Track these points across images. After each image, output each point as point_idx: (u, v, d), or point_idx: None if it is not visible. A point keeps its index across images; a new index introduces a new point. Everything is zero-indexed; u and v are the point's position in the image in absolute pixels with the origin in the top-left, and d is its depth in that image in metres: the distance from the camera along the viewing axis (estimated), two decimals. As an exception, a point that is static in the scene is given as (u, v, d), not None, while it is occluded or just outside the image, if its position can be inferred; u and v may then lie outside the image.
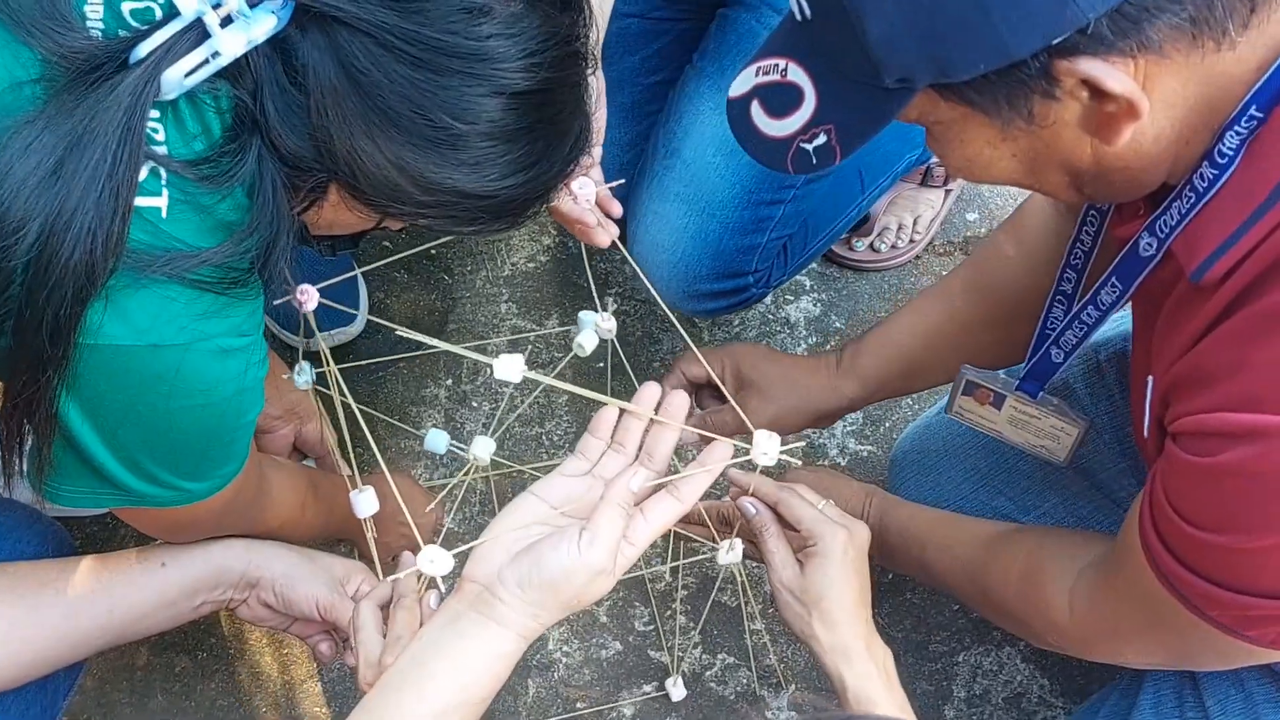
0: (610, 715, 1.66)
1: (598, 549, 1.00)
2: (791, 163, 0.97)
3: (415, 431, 1.82)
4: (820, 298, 1.96)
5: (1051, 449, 1.34)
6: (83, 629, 1.22)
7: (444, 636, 1.01)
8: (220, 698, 1.67)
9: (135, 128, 0.91)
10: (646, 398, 1.11)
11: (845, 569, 1.19)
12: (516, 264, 1.98)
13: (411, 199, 0.99)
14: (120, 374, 0.97)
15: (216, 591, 1.27)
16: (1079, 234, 1.16)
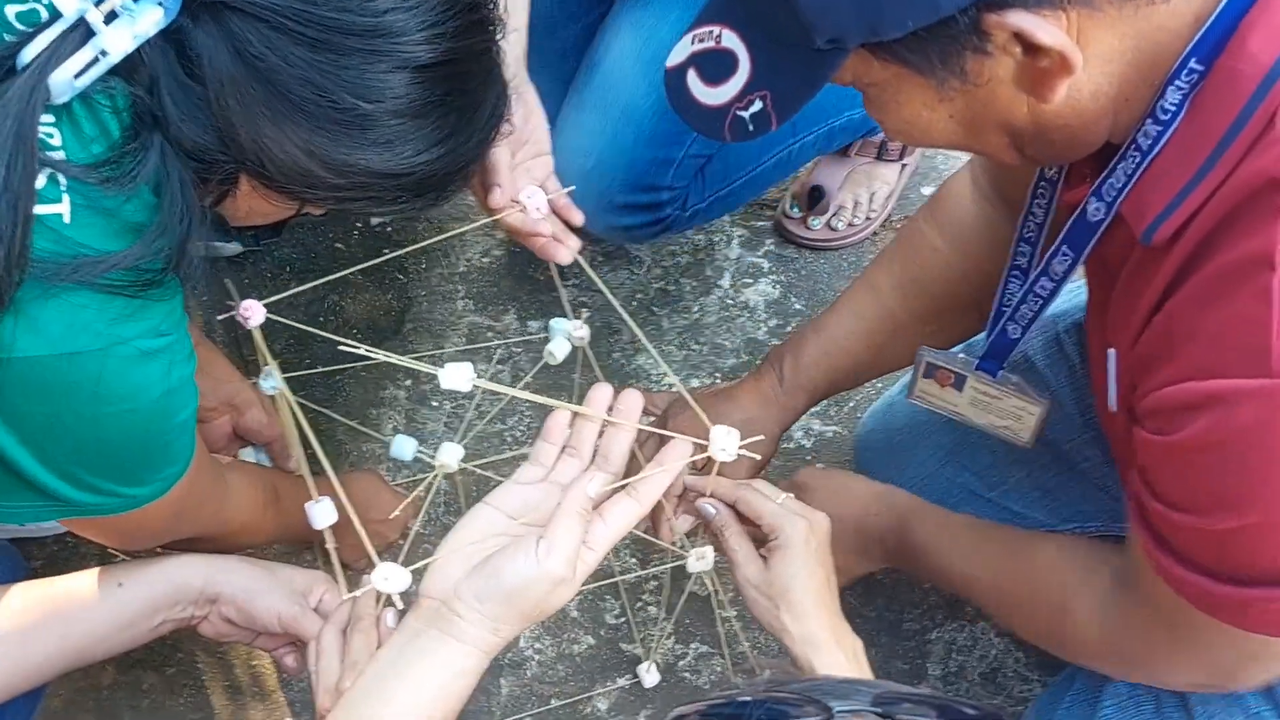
0: (585, 709, 1.64)
1: (556, 558, 0.98)
2: (729, 130, 0.96)
3: (376, 435, 1.80)
4: (779, 280, 1.94)
5: (1015, 429, 1.32)
6: (39, 655, 1.19)
7: (403, 656, 0.99)
8: (190, 713, 1.65)
9: (27, 135, 0.88)
10: (598, 399, 1.09)
11: (809, 559, 1.17)
12: (471, 260, 1.96)
13: (325, 183, 0.97)
14: (39, 386, 0.94)
15: (176, 609, 1.25)
16: (1030, 206, 1.15)
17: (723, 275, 1.95)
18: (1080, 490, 1.46)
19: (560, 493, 1.05)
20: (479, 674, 1.00)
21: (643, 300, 1.92)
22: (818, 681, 0.74)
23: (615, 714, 1.64)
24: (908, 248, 1.41)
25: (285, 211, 1.06)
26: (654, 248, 1.96)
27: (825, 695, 0.68)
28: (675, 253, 1.96)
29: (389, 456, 1.77)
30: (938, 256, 1.37)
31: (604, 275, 1.93)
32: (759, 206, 2.00)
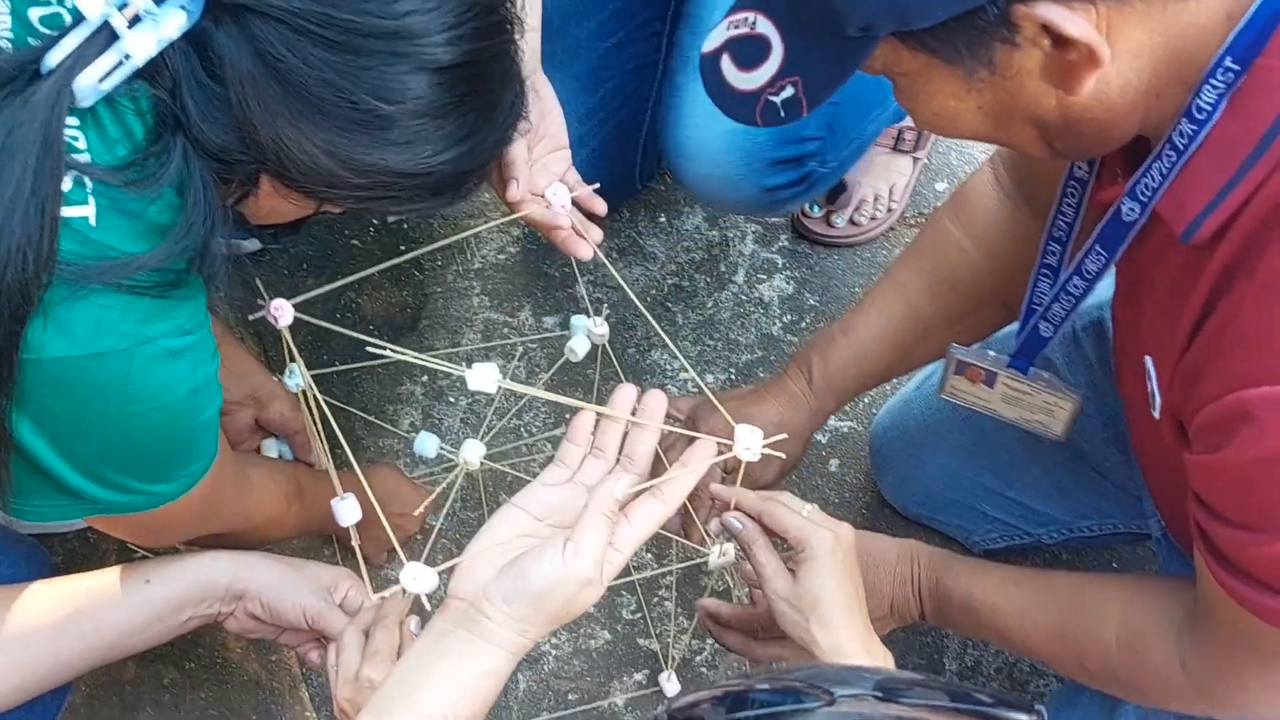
0: (602, 705, 1.66)
1: (583, 559, 0.98)
2: (760, 115, 0.97)
3: (395, 430, 1.80)
4: (794, 275, 1.95)
5: (1047, 424, 1.33)
6: (68, 652, 1.20)
7: (430, 657, 1.00)
8: (210, 707, 1.66)
9: (54, 139, 0.89)
10: (622, 400, 1.10)
11: (837, 571, 1.18)
12: (487, 256, 1.96)
13: (345, 183, 0.98)
14: (67, 387, 0.95)
15: (203, 605, 1.26)
16: (1060, 205, 1.15)
17: (737, 271, 1.95)
18: (1099, 488, 1.46)
19: (586, 494, 1.06)
20: (506, 675, 1.01)
21: (657, 296, 1.92)
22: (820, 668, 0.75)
23: (632, 709, 1.65)
24: (933, 247, 1.41)
25: (305, 210, 1.07)
26: (668, 243, 1.97)
27: (827, 680, 0.68)
28: (689, 248, 1.97)
29: (410, 452, 1.80)
30: (964, 256, 1.37)
31: (619, 271, 1.94)
32: (773, 202, 2.00)
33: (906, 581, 1.34)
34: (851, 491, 1.79)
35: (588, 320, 1.42)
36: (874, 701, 0.67)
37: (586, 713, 1.65)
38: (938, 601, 1.33)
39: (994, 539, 1.60)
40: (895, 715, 0.66)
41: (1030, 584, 1.29)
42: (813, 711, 0.66)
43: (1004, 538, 1.59)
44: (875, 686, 0.68)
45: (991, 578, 1.31)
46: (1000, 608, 1.28)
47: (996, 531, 1.59)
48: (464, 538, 1.75)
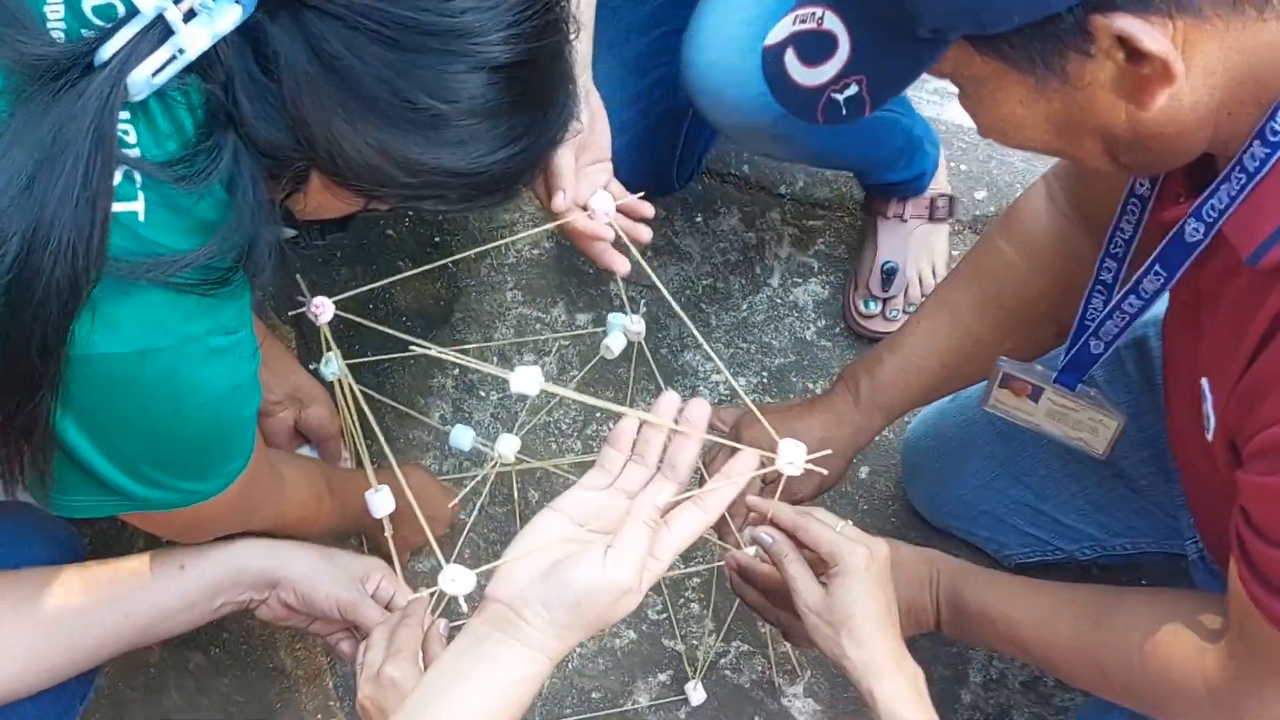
0: (625, 704, 1.66)
1: (624, 568, 0.97)
2: (822, 113, 0.96)
3: (425, 419, 1.80)
4: (829, 280, 1.94)
5: (1090, 441, 1.31)
6: (101, 635, 1.21)
7: (467, 659, 0.99)
8: (235, 693, 1.67)
9: (106, 133, 0.89)
10: (665, 407, 1.08)
11: (869, 586, 1.17)
12: (521, 251, 1.96)
13: (396, 181, 0.97)
14: (111, 383, 0.95)
15: (236, 592, 1.27)
16: (1119, 222, 1.14)
17: (772, 274, 1.95)
18: (1134, 506, 1.46)
19: (626, 500, 1.06)
20: (543, 680, 1.00)
21: (691, 297, 1.92)
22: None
23: (655, 709, 1.65)
24: (983, 265, 1.39)
25: (353, 207, 1.06)
26: (704, 244, 1.96)
27: None
28: (725, 249, 1.96)
29: (440, 445, 1.80)
30: (1014, 273, 1.36)
31: (654, 270, 1.93)
32: (811, 206, 2.00)
33: (925, 585, 1.33)
34: (881, 499, 1.78)
35: (624, 318, 1.42)
36: None
37: (609, 713, 1.65)
38: (955, 609, 1.32)
39: (1025, 553, 1.60)
40: None
41: (1051, 595, 1.28)
42: None
43: (1035, 552, 1.59)
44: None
45: (1011, 588, 1.30)
46: (1019, 618, 1.27)
47: (1028, 546, 1.58)
48: (492, 533, 1.75)
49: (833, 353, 1.89)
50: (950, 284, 1.43)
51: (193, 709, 1.66)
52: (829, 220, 1.99)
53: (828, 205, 2.00)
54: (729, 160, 2.02)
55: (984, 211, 2.01)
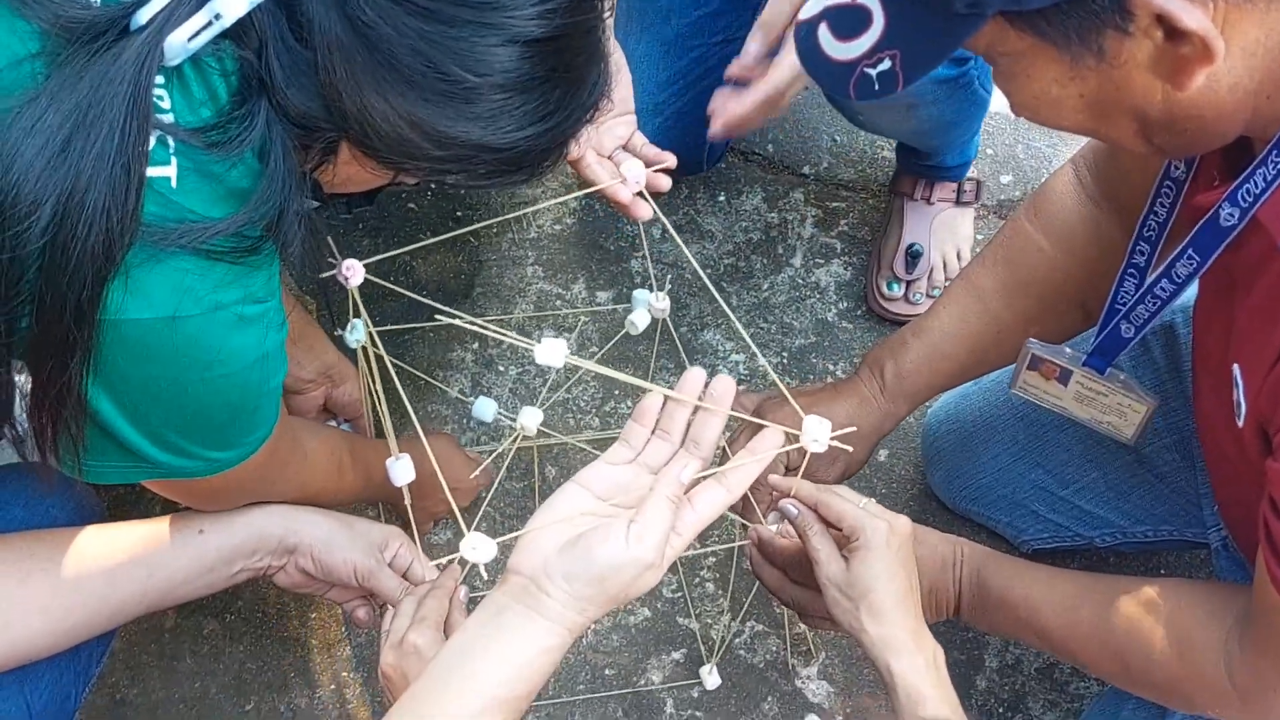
0: (639, 680, 1.65)
1: (647, 543, 0.98)
2: (854, 88, 0.96)
3: (445, 389, 1.80)
4: (851, 261, 1.93)
5: (1118, 426, 1.31)
6: (120, 597, 1.21)
7: (488, 629, 0.99)
8: (249, 660, 1.67)
9: (142, 98, 0.88)
10: (691, 384, 1.08)
11: (890, 561, 1.17)
12: (543, 226, 1.95)
13: (425, 154, 0.97)
14: (140, 349, 0.95)
15: (254, 558, 1.27)
16: (1153, 205, 1.13)
17: (795, 254, 1.94)
18: (1156, 493, 1.45)
19: (649, 475, 1.06)
20: (562, 653, 1.00)
21: (712, 276, 1.91)
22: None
23: (668, 686, 1.65)
24: (1011, 249, 1.38)
25: (381, 180, 1.06)
26: (726, 223, 1.95)
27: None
28: (748, 229, 1.95)
29: (459, 418, 1.80)
30: (1043, 257, 1.35)
31: (675, 249, 1.93)
32: (834, 187, 1.99)
33: (948, 566, 1.33)
34: (900, 483, 1.78)
35: (649, 294, 1.41)
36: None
37: (624, 692, 1.65)
38: (976, 594, 1.31)
39: (1044, 539, 1.59)
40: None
41: (1074, 582, 1.27)
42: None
43: (1054, 538, 1.58)
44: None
45: (1034, 573, 1.29)
46: (1041, 604, 1.26)
47: (1047, 532, 1.57)
48: (509, 509, 1.75)
49: (854, 335, 1.88)
50: (977, 268, 1.42)
51: (207, 675, 1.66)
52: (852, 201, 1.98)
53: (851, 186, 1.99)
54: (753, 139, 2.01)
55: (1009, 196, 2.00)
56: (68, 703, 1.27)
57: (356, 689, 1.65)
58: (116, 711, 1.64)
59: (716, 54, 1.72)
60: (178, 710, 1.64)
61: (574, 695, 1.64)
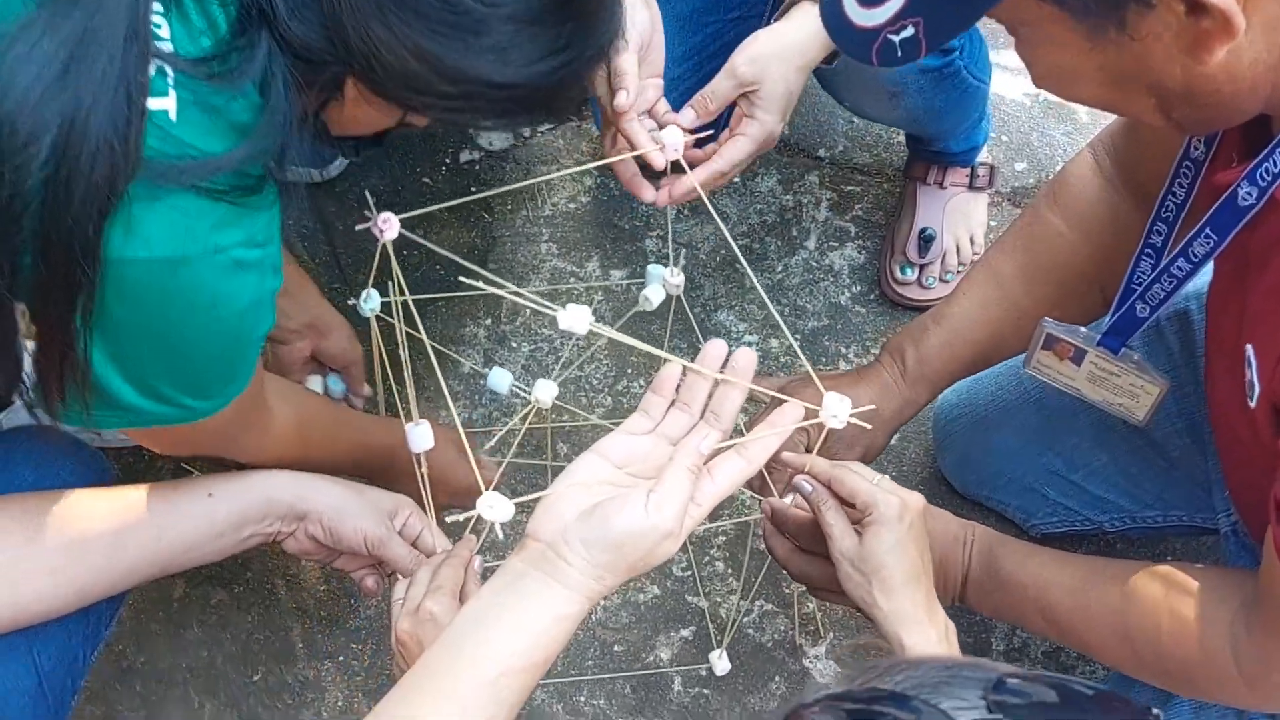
0: (647, 657, 1.66)
1: (666, 512, 0.97)
2: (877, 54, 0.96)
3: (460, 361, 1.80)
4: (865, 245, 1.93)
5: (1130, 407, 1.31)
6: (130, 559, 1.21)
7: (505, 596, 0.99)
8: (256, 631, 1.67)
9: (140, 25, 0.86)
10: (712, 355, 1.07)
11: (902, 536, 1.17)
12: (557, 204, 1.95)
13: (433, 89, 0.95)
14: (133, 289, 0.93)
15: (264, 524, 1.26)
16: (1171, 185, 1.13)
17: (809, 237, 1.94)
18: (1167, 478, 1.45)
19: (668, 446, 1.05)
20: (578, 621, 1.00)
21: (726, 256, 1.91)
22: (921, 670, 0.72)
23: (676, 664, 1.66)
24: (1030, 235, 1.38)
25: (388, 120, 1.04)
26: (741, 204, 1.95)
27: (932, 687, 0.66)
28: (762, 211, 1.95)
29: (475, 394, 1.80)
30: (1061, 241, 1.35)
31: (690, 229, 1.93)
32: (850, 171, 1.99)
33: (958, 544, 1.33)
34: (910, 466, 1.78)
35: (664, 270, 1.41)
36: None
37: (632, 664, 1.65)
38: (985, 574, 1.31)
39: (1053, 523, 1.59)
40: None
41: (1084, 565, 1.27)
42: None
43: (1063, 523, 1.58)
44: (987, 700, 0.65)
45: (1044, 556, 1.29)
46: (1050, 585, 1.26)
47: (1056, 516, 1.58)
48: (521, 485, 1.75)
49: (866, 318, 1.88)
50: (996, 254, 1.41)
51: (214, 644, 1.67)
52: (867, 186, 1.98)
53: (866, 170, 1.99)
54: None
55: (1023, 183, 2.00)
56: (76, 664, 1.27)
57: (365, 661, 1.66)
58: (123, 679, 1.65)
59: (732, 30, 1.72)
60: (184, 679, 1.65)
61: (582, 673, 1.65)
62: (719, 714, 1.64)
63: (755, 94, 1.35)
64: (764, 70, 1.34)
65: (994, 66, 1.80)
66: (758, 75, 1.34)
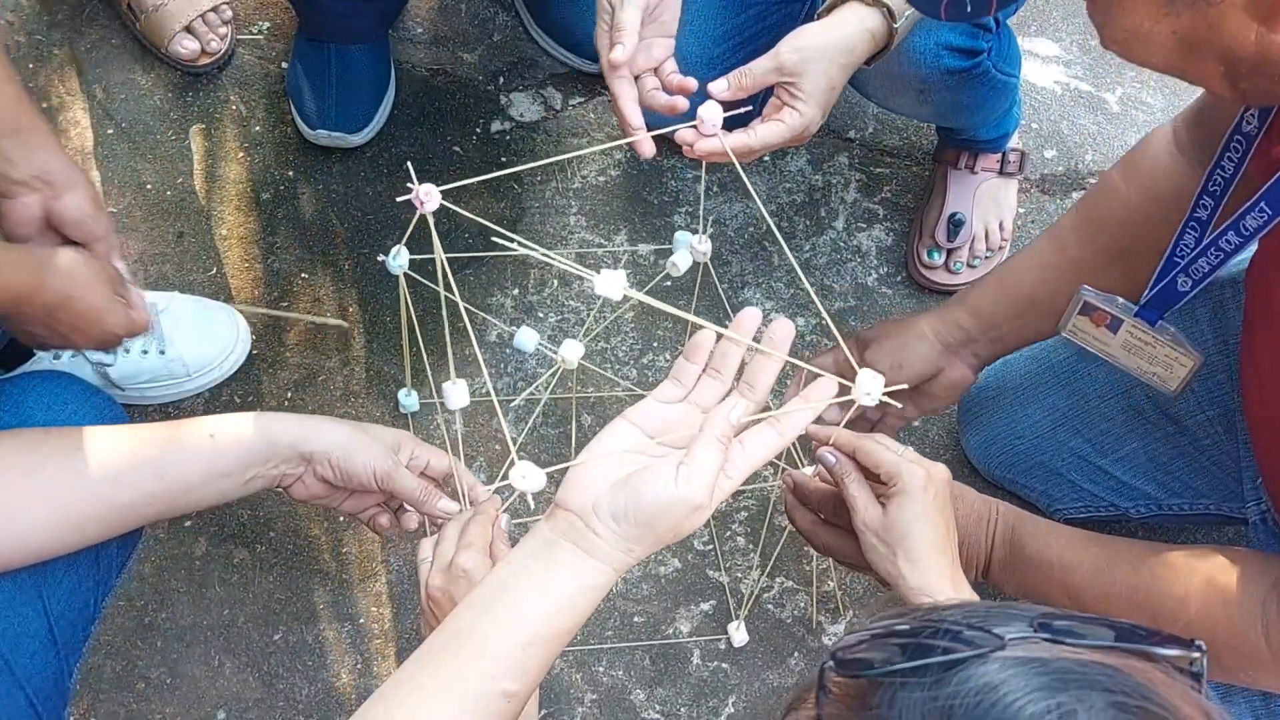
0: (667, 630, 1.66)
1: (696, 484, 0.95)
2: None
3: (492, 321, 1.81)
4: (893, 227, 1.94)
5: (1163, 377, 1.31)
6: (129, 496, 1.19)
7: (534, 563, 0.98)
8: (278, 591, 1.68)
9: None
10: (746, 323, 1.05)
11: (927, 506, 1.17)
12: (587, 177, 1.95)
13: None
14: None
15: (269, 466, 1.24)
16: (1220, 159, 1.13)
17: (837, 217, 1.94)
18: (1195, 466, 1.45)
19: (699, 414, 1.04)
20: (605, 591, 0.99)
21: (754, 234, 1.91)
22: (970, 607, 0.73)
23: (696, 636, 1.66)
24: (1092, 193, 1.39)
25: None
26: (770, 183, 1.96)
27: (983, 620, 0.67)
28: (791, 190, 1.96)
29: (499, 363, 1.81)
30: (1120, 199, 1.35)
31: (718, 206, 1.93)
32: (879, 153, 1.99)
33: (983, 522, 1.33)
34: (933, 447, 1.79)
35: (692, 236, 1.41)
36: (1044, 644, 0.65)
37: (651, 636, 1.66)
38: (1010, 552, 1.31)
39: (1077, 509, 1.59)
40: (1071, 659, 0.64)
41: (1109, 545, 1.27)
42: (988, 658, 0.64)
43: (1088, 508, 1.58)
44: (1035, 625, 0.66)
45: (1069, 535, 1.29)
46: (1075, 564, 1.26)
47: (1081, 501, 1.58)
48: (544, 454, 1.75)
49: (893, 300, 1.89)
50: (1065, 214, 1.43)
51: (235, 604, 1.67)
52: (896, 168, 1.98)
53: (896, 153, 1.99)
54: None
55: (1052, 170, 2.00)
56: (87, 609, 1.27)
57: (385, 624, 1.66)
58: (144, 635, 1.65)
59: (776, 14, 1.72)
60: (205, 637, 1.65)
61: (602, 642, 1.65)
62: (737, 688, 1.64)
63: (795, 85, 1.34)
64: (807, 62, 1.33)
65: (1024, 54, 1.81)
66: (800, 67, 1.33)
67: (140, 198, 1.90)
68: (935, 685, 0.63)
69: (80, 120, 1.95)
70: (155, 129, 1.93)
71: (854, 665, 0.68)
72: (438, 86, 2.01)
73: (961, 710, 0.62)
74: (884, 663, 0.66)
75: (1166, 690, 0.63)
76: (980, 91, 1.65)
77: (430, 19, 2.07)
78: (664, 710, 1.63)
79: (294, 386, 1.79)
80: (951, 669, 0.64)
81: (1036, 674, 0.63)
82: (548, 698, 1.62)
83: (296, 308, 1.83)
